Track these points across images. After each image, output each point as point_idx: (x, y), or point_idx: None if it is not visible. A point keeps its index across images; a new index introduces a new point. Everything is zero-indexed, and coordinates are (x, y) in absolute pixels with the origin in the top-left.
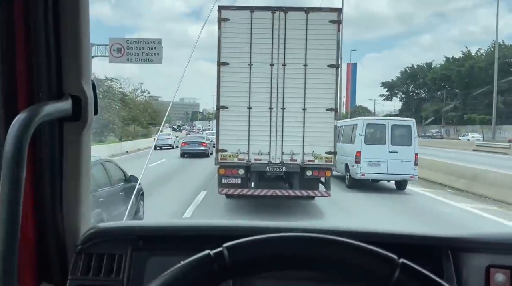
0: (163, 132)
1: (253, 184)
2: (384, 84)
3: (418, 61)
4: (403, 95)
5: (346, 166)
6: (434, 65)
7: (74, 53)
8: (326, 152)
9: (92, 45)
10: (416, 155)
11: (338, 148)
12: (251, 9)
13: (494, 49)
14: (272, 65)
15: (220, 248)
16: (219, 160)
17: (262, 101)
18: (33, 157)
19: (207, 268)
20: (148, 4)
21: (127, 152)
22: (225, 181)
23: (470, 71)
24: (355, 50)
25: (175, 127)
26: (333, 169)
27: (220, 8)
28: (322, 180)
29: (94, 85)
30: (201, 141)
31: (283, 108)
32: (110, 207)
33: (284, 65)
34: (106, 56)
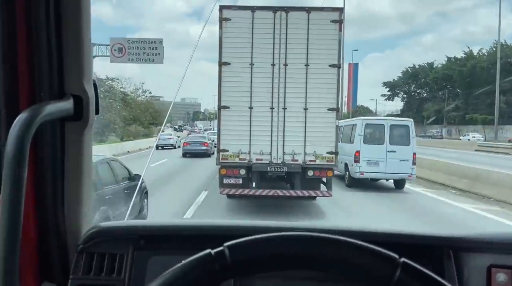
0: (165, 132)
1: (254, 184)
2: (385, 84)
3: (420, 61)
4: (405, 95)
5: (346, 165)
6: (436, 65)
7: (75, 53)
8: (328, 152)
9: (93, 45)
10: (414, 154)
11: (338, 147)
12: (253, 8)
13: (496, 49)
14: (273, 65)
15: (221, 248)
16: (221, 160)
17: (263, 101)
18: (34, 157)
19: (208, 267)
20: (149, 4)
21: (128, 151)
22: (226, 181)
23: (472, 71)
24: (357, 50)
25: (177, 127)
26: (334, 169)
27: (221, 8)
28: (324, 180)
29: (95, 85)
30: (202, 141)
31: (285, 108)
32: (116, 204)
33: (285, 65)
34: (107, 56)
